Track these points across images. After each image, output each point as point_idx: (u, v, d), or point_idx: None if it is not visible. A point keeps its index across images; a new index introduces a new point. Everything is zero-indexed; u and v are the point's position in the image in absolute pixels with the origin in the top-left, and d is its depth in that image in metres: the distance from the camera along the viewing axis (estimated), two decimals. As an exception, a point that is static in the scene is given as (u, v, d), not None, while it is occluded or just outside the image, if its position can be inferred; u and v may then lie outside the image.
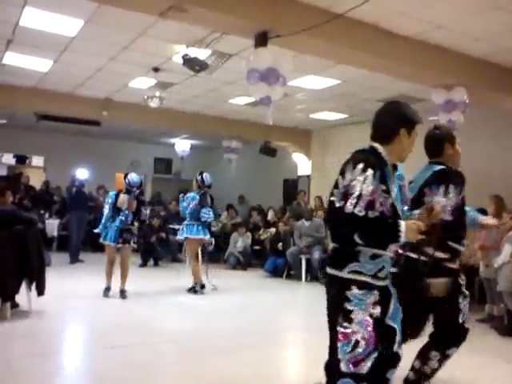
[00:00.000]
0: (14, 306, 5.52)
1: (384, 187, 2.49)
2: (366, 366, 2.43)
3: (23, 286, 5.53)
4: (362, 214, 2.37)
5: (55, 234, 11.57)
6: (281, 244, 9.60)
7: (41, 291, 5.56)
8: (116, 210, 6.77)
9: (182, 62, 6.49)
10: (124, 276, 6.83)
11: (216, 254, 11.15)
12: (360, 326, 2.44)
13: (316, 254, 9.00)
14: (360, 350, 2.43)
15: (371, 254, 2.48)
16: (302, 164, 13.06)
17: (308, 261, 9.13)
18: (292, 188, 13.38)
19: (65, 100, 10.23)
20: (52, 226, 11.52)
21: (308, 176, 12.86)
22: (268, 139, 11.60)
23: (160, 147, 16.65)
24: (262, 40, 5.01)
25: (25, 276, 5.48)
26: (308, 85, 8.45)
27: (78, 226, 10.22)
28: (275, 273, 9.50)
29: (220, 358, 4.36)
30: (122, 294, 6.72)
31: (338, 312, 2.54)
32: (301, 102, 9.65)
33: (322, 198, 11.19)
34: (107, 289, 6.81)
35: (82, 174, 11.00)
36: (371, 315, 2.45)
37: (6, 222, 5.34)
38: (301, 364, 4.65)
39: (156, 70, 7.93)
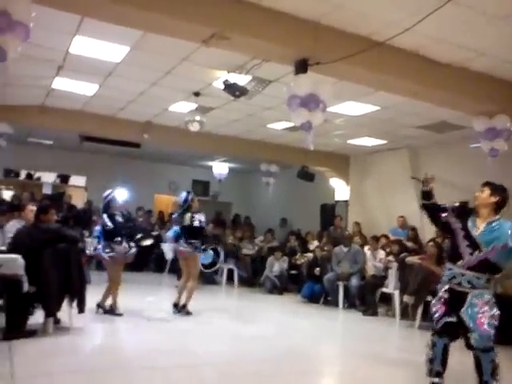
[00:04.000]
0: (56, 321, 5.64)
1: None
2: None
3: (64, 303, 5.64)
4: None
5: (93, 252, 11.78)
6: (318, 269, 9.51)
7: (81, 308, 5.67)
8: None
9: (222, 87, 6.64)
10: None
11: (252, 277, 11.20)
12: None
13: (354, 281, 8.87)
14: None
15: None
16: (340, 189, 12.99)
17: (346, 287, 9.00)
18: (329, 213, 13.28)
19: (107, 122, 10.56)
20: (91, 244, 11.76)
21: (346, 201, 12.77)
22: (306, 164, 11.62)
23: (198, 169, 16.88)
24: (302, 67, 5.08)
25: (67, 293, 5.59)
26: (347, 111, 8.47)
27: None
28: (312, 298, 9.39)
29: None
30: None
31: None
32: (339, 127, 9.65)
33: (360, 224, 11.09)
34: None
35: (121, 194, 11.22)
36: None
37: (51, 239, 5.49)
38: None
39: (197, 94, 8.11)
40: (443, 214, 4.23)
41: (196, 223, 7.09)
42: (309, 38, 5.11)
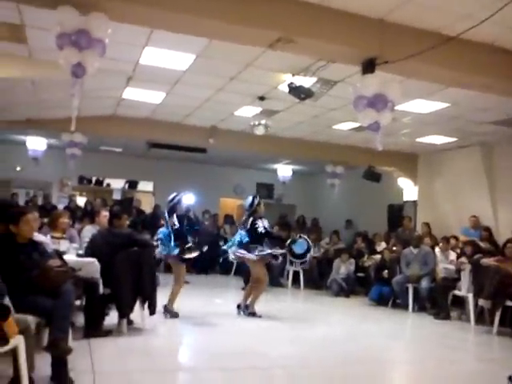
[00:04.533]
0: (129, 322, 5.85)
1: None
2: None
3: (137, 305, 5.83)
4: None
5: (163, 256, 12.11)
6: (386, 272, 9.30)
7: (153, 310, 5.84)
8: None
9: (287, 90, 6.65)
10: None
11: (318, 279, 11.12)
12: None
13: (424, 283, 8.60)
14: None
15: None
16: (408, 189, 12.64)
17: (415, 290, 8.74)
18: (397, 214, 12.97)
19: (174, 129, 10.84)
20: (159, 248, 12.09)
21: (414, 201, 12.41)
22: (372, 164, 11.41)
23: (262, 172, 16.98)
24: (369, 67, 5.00)
25: (139, 295, 5.78)
26: (415, 109, 8.23)
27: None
28: (380, 301, 9.20)
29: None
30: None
31: None
32: (407, 126, 9.41)
33: (429, 225, 10.75)
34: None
35: (189, 199, 11.48)
36: None
37: (124, 243, 5.70)
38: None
39: (261, 98, 8.17)
40: None
41: (260, 229, 7.12)
42: (375, 36, 5.02)
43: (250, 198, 7.41)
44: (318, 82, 6.89)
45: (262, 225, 7.15)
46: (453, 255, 9.02)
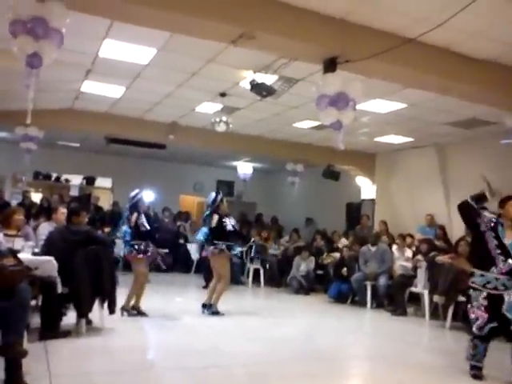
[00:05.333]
0: (88, 322, 5.71)
1: None
2: None
3: (95, 305, 5.70)
4: None
5: (121, 254, 11.90)
6: (345, 269, 9.43)
7: (112, 310, 5.72)
8: None
9: (249, 87, 6.63)
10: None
11: (278, 277, 11.18)
12: None
13: (382, 281, 8.77)
14: None
15: None
16: (366, 188, 12.88)
17: (373, 287, 8.91)
18: (355, 212, 13.19)
19: (133, 124, 10.67)
20: (118, 246, 11.88)
21: (372, 200, 12.65)
22: (331, 163, 11.55)
23: (222, 170, 16.94)
24: (331, 65, 5.04)
25: (98, 294, 5.65)
26: (374, 108, 8.38)
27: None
28: (339, 298, 9.32)
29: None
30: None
31: None
32: (365, 125, 9.56)
33: (386, 223, 10.97)
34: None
35: (148, 196, 11.31)
36: None
37: (82, 241, 5.55)
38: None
39: (223, 95, 8.13)
40: (478, 218, 4.61)
41: (229, 227, 7.11)
42: (337, 35, 5.07)
43: (213, 195, 7.37)
44: (280, 79, 6.91)
45: (229, 223, 7.14)
46: (409, 253, 9.24)
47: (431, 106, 8.03)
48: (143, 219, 6.70)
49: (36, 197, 14.53)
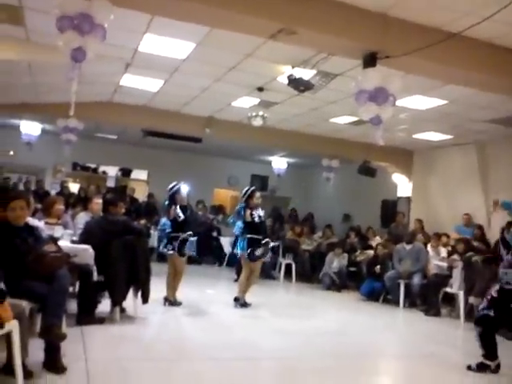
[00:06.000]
0: (122, 311, 5.83)
1: None
2: None
3: (130, 294, 5.81)
4: None
5: (156, 244, 12.08)
6: (379, 267, 9.33)
7: (146, 299, 5.81)
8: None
9: (286, 82, 6.62)
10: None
11: (310, 273, 11.15)
12: None
13: (416, 280, 8.64)
14: None
15: None
16: (402, 185, 12.69)
17: (407, 286, 8.79)
18: (390, 209, 13.02)
19: (170, 118, 10.79)
20: (153, 236, 12.06)
21: (408, 198, 12.46)
22: (367, 159, 11.43)
23: (257, 164, 16.97)
24: (370, 61, 4.98)
25: (132, 284, 5.76)
26: (412, 105, 8.24)
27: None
28: (371, 296, 9.23)
29: (318, 379, 4.33)
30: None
31: None
32: (404, 121, 9.42)
33: (422, 221, 10.80)
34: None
35: (184, 189, 11.44)
36: None
37: (119, 231, 5.67)
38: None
39: (260, 89, 8.14)
40: None
41: (256, 219, 7.15)
42: (377, 31, 5.01)
43: (245, 189, 7.44)
44: (318, 74, 6.87)
45: (256, 214, 7.18)
46: (444, 252, 9.06)
47: (472, 103, 7.85)
48: (178, 210, 6.80)
49: (74, 187, 14.90)
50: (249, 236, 7.10)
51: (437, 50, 4.91)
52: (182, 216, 6.76)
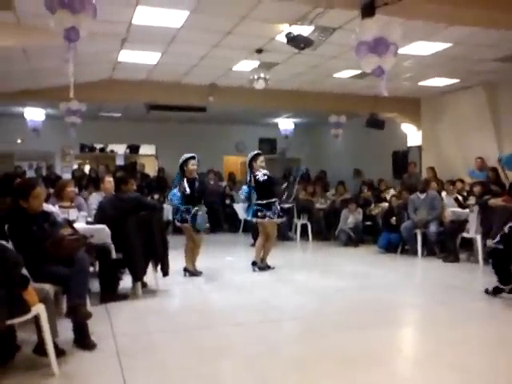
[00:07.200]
0: (144, 285, 5.94)
1: None
2: None
3: (149, 268, 5.90)
4: None
5: (170, 217, 12.18)
6: (394, 219, 9.33)
7: (166, 272, 5.91)
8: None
9: (285, 41, 6.49)
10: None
11: (326, 231, 11.19)
12: None
13: (433, 228, 8.63)
14: None
15: None
16: (412, 135, 12.55)
17: (424, 235, 8.79)
18: (402, 160, 12.93)
19: (172, 89, 10.70)
20: (167, 210, 12.14)
21: (419, 147, 12.34)
22: (374, 111, 11.28)
23: (264, 128, 16.85)
24: (369, 10, 4.85)
25: (151, 258, 5.84)
26: (416, 51, 8.05)
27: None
28: (389, 249, 9.26)
29: (342, 334, 4.38)
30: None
31: None
32: (408, 69, 9.23)
33: (435, 169, 10.71)
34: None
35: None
36: None
37: (132, 208, 5.70)
38: (423, 342, 4.51)
39: (259, 51, 8.01)
40: None
41: (260, 179, 7.18)
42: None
43: (250, 154, 7.42)
44: (316, 30, 6.70)
45: (260, 175, 7.20)
46: (460, 198, 9.02)
47: (477, 43, 7.63)
48: (185, 184, 6.80)
49: (85, 169, 14.99)
50: (257, 203, 7.17)
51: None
52: (188, 190, 6.75)
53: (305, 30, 6.47)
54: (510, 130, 9.92)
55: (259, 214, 7.16)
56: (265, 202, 7.16)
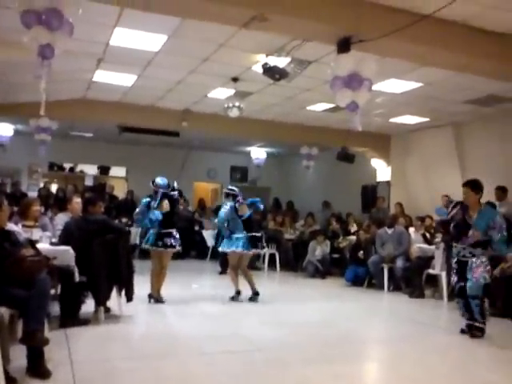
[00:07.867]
0: (106, 310, 5.76)
1: None
2: None
3: (113, 293, 5.74)
4: None
5: (137, 241, 11.96)
6: (362, 252, 9.38)
7: (130, 297, 5.77)
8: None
9: (261, 71, 6.55)
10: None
11: (294, 262, 11.16)
12: None
13: (399, 263, 8.71)
14: None
15: None
16: (381, 170, 12.76)
17: (390, 270, 8.85)
18: (371, 194, 13.10)
19: (146, 112, 10.65)
20: (134, 234, 11.93)
21: (388, 182, 12.54)
22: (346, 145, 11.44)
23: (236, 156, 16.89)
24: (344, 46, 4.94)
25: (115, 282, 5.69)
26: (388, 88, 8.24)
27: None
28: (356, 282, 9.28)
29: (307, 368, 4.31)
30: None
31: None
32: (380, 106, 9.43)
33: (402, 205, 10.87)
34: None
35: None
36: None
37: (99, 230, 5.57)
38: (387, 378, 4.47)
39: (235, 80, 8.06)
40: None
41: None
42: (350, 14, 4.95)
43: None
44: (292, 62, 6.79)
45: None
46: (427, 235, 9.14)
47: (448, 85, 7.88)
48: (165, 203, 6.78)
49: (52, 188, 14.66)
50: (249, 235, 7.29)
51: (410, 32, 4.86)
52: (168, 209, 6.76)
53: (281, 62, 6.55)
54: (474, 169, 10.16)
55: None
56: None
